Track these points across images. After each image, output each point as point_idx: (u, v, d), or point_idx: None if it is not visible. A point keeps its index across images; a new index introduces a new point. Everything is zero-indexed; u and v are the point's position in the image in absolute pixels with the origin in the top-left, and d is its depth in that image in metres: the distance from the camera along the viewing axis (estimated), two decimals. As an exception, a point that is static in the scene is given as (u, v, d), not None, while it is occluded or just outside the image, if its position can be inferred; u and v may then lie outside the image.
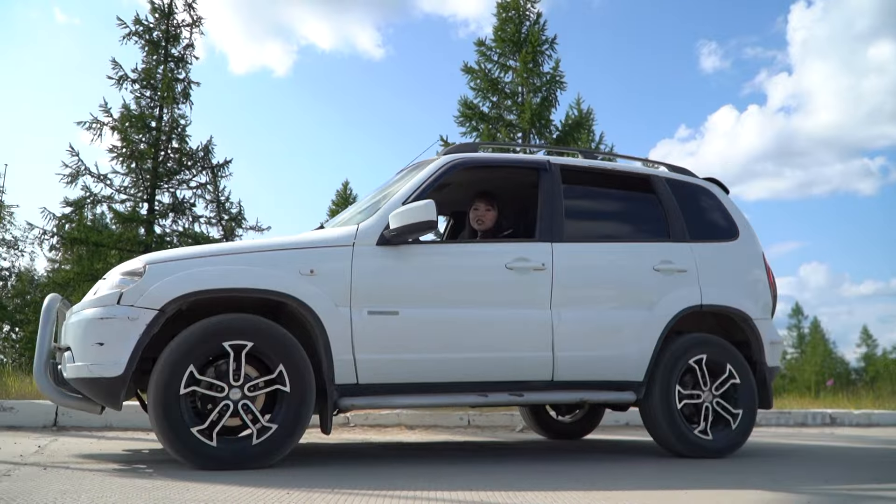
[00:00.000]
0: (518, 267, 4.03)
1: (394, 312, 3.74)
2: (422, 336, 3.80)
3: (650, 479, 3.41)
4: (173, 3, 12.91)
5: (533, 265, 4.04)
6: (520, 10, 12.97)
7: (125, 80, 12.27)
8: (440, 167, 4.11)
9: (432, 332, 3.82)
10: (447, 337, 3.85)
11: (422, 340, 3.80)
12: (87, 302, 3.51)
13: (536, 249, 4.12)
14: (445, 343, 3.84)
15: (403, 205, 3.82)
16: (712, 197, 4.83)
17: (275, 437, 3.43)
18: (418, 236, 3.82)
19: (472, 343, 3.90)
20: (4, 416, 5.41)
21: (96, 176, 11.79)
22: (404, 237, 3.77)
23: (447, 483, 3.13)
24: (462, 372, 3.89)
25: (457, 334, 3.87)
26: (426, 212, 3.66)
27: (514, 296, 4.03)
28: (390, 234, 3.76)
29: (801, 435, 7.16)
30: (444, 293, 3.90)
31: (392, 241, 3.79)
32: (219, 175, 12.80)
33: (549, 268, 4.09)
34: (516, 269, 4.03)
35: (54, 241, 11.57)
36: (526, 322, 4.01)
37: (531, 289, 4.05)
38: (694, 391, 4.34)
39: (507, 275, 4.01)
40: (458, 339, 3.87)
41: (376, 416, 6.58)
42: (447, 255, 4.10)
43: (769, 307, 4.72)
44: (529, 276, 4.04)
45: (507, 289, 4.02)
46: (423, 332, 3.80)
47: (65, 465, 3.42)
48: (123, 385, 3.32)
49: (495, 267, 4.01)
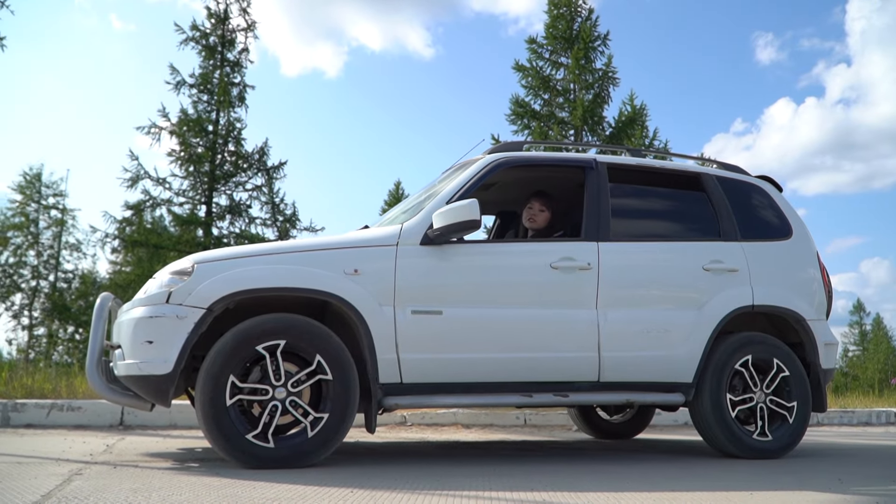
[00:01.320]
0: (563, 266, 3.99)
1: (438, 312, 3.74)
2: (465, 336, 3.79)
3: (711, 480, 3.34)
4: (228, 9, 13.18)
5: (578, 265, 4.00)
6: (571, 7, 12.88)
7: (182, 84, 12.59)
8: (484, 167, 4.10)
9: (476, 332, 3.81)
10: (491, 337, 3.83)
11: (465, 340, 3.79)
12: (137, 301, 3.59)
13: (582, 249, 4.07)
14: (489, 343, 3.83)
15: (447, 204, 3.82)
16: (765, 195, 4.71)
17: (329, 426, 3.47)
18: (462, 235, 3.82)
19: (516, 343, 3.87)
20: (73, 416, 5.58)
21: (155, 179, 12.11)
22: (448, 236, 3.78)
23: (507, 483, 3.12)
24: (506, 372, 3.87)
25: (501, 334, 3.85)
26: (469, 211, 3.65)
27: (560, 296, 3.99)
28: (434, 233, 3.76)
29: (866, 434, 6.95)
30: (489, 293, 3.89)
31: (436, 241, 3.79)
32: (274, 177, 13.03)
33: (595, 267, 4.04)
34: (561, 269, 3.99)
35: (115, 244, 11.93)
36: (571, 322, 3.97)
37: (577, 288, 4.00)
38: (746, 394, 4.25)
39: (552, 274, 3.98)
40: (502, 339, 3.85)
41: (433, 415, 6.60)
42: (491, 254, 4.07)
43: (824, 307, 4.58)
44: (575, 276, 4.00)
45: (552, 289, 3.98)
46: (467, 332, 3.79)
47: (133, 464, 3.50)
48: (172, 383, 3.39)
49: (540, 266, 3.98)
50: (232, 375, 3.37)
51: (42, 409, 5.52)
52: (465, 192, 3.97)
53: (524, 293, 3.95)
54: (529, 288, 3.97)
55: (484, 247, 4.22)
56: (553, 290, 3.99)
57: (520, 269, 4.00)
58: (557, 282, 3.99)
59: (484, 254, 4.03)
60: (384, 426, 6.36)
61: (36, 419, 5.49)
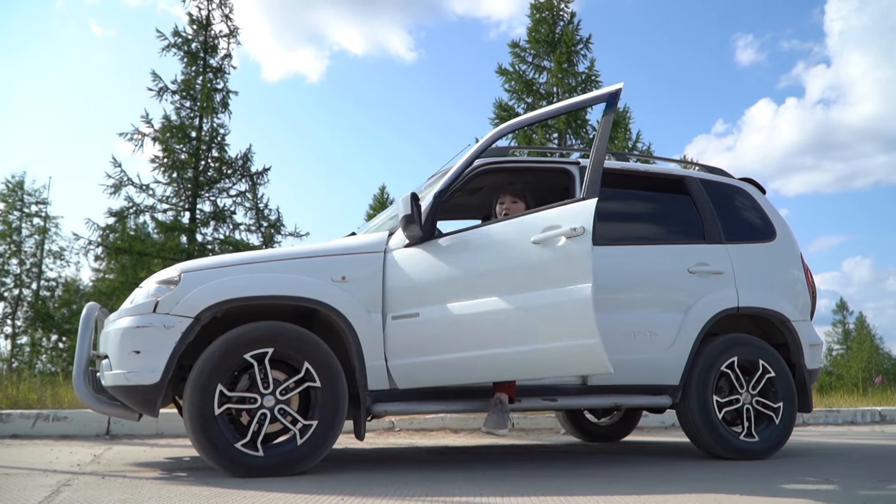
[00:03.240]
0: (545, 239, 3.88)
1: (414, 314, 3.66)
2: (442, 336, 3.61)
3: (698, 482, 3.37)
4: (211, 15, 13.14)
5: (564, 232, 3.88)
6: (553, 11, 12.95)
7: (165, 91, 12.54)
8: (466, 172, 4.10)
9: (453, 331, 3.60)
10: (470, 333, 3.59)
11: (442, 341, 3.60)
12: (123, 310, 3.58)
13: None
14: (468, 340, 3.58)
15: (429, 209, 3.78)
16: (748, 197, 4.76)
17: (318, 433, 3.46)
18: (409, 234, 3.69)
19: (488, 340, 3.59)
20: (59, 426, 5.54)
21: (139, 186, 12.06)
22: (408, 236, 3.70)
23: (498, 488, 3.12)
24: (484, 372, 3.64)
25: (473, 331, 3.59)
26: (403, 206, 3.63)
27: (541, 276, 3.87)
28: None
29: (852, 433, 7.02)
30: (460, 285, 3.63)
31: (412, 242, 3.74)
32: (258, 183, 13.00)
33: None
34: (543, 243, 3.88)
35: (99, 251, 11.86)
36: (558, 305, 3.87)
37: (563, 265, 3.89)
38: (732, 396, 4.28)
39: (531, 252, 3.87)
40: (482, 334, 3.59)
41: (421, 420, 6.60)
42: (464, 244, 3.73)
43: (808, 308, 4.63)
44: (560, 246, 3.89)
45: (530, 269, 3.84)
46: (444, 333, 3.61)
47: (122, 474, 3.49)
48: (160, 392, 3.38)
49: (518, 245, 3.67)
50: (220, 384, 3.36)
51: (27, 420, 5.48)
52: (448, 197, 3.97)
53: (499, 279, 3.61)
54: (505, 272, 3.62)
55: (458, 237, 3.76)
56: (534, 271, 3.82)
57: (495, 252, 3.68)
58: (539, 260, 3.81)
59: (456, 245, 3.73)
60: (372, 432, 6.35)
61: (21, 429, 5.45)
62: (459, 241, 3.74)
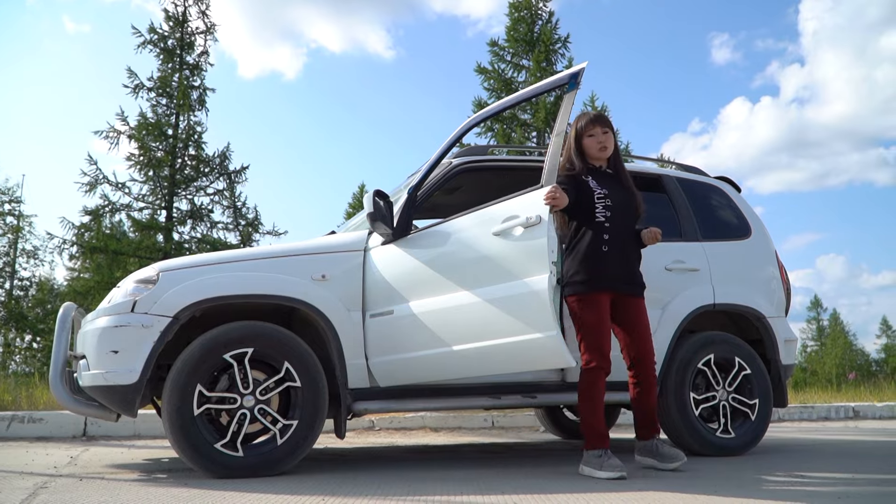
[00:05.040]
0: (503, 230, 3.84)
1: (389, 311, 3.65)
2: (415, 333, 3.58)
3: (677, 478, 3.39)
4: (187, 11, 13.02)
5: (521, 222, 3.80)
6: (532, 10, 12.97)
7: (141, 88, 12.42)
8: (443, 171, 4.12)
9: (424, 327, 3.56)
10: (444, 328, 3.55)
11: (415, 337, 3.58)
12: (101, 310, 3.55)
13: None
14: (442, 335, 3.53)
15: (403, 206, 3.78)
16: (724, 195, 4.81)
17: (298, 433, 3.46)
18: (377, 231, 3.70)
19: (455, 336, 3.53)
20: (34, 428, 5.49)
21: (114, 184, 11.94)
22: (378, 232, 3.71)
23: (479, 486, 3.13)
24: (455, 369, 3.58)
25: (441, 327, 3.55)
26: (366, 203, 3.62)
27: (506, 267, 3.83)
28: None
29: (826, 429, 7.12)
30: (433, 280, 3.59)
31: (387, 240, 3.73)
32: (235, 181, 12.91)
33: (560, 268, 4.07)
34: (503, 234, 3.85)
35: (74, 250, 11.72)
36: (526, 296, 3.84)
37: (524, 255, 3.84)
38: (708, 393, 4.33)
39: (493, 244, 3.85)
40: (454, 329, 3.53)
41: (401, 419, 6.60)
42: (433, 239, 3.71)
43: (783, 305, 4.69)
44: (518, 236, 3.83)
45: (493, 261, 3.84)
46: (416, 329, 3.58)
47: (99, 476, 3.46)
48: (138, 392, 3.36)
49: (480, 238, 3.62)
50: (199, 384, 3.35)
51: (2, 422, 5.42)
52: (426, 195, 3.98)
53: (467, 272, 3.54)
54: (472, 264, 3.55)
55: (428, 232, 3.76)
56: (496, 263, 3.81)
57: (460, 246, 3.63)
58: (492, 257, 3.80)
59: (426, 240, 3.72)
60: (352, 431, 6.35)
61: (-4, 431, 5.39)
62: (427, 236, 3.73)
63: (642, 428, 3.70)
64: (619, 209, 3.58)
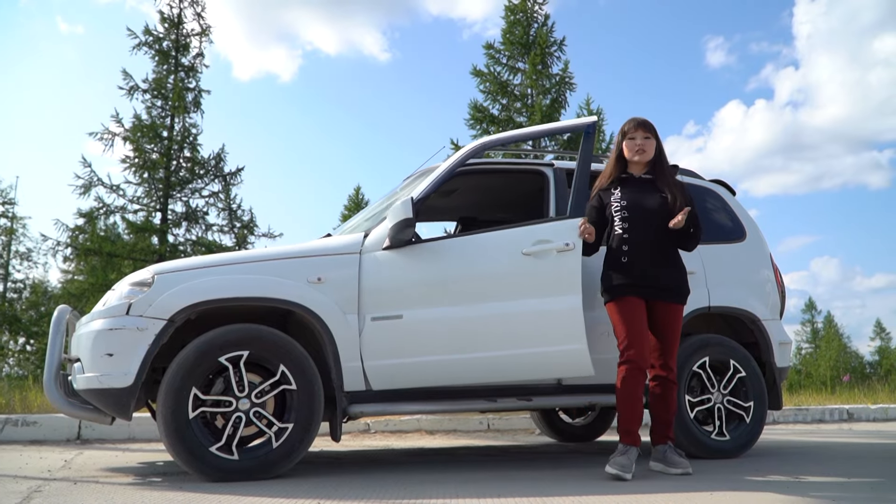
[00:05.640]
0: (537, 251, 3.93)
1: (398, 316, 3.70)
2: (426, 338, 3.69)
3: (671, 481, 3.40)
4: (182, 13, 13.01)
5: (557, 246, 3.90)
6: (528, 13, 12.98)
7: (136, 90, 12.40)
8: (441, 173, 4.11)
9: (435, 333, 3.70)
10: (451, 337, 3.71)
11: (426, 343, 3.69)
12: (96, 313, 3.54)
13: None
14: (450, 344, 3.69)
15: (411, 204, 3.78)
16: (719, 199, 4.82)
17: (293, 436, 3.45)
18: (404, 237, 3.72)
19: (478, 341, 3.73)
20: (28, 431, 5.46)
21: (109, 186, 11.90)
22: (396, 238, 3.71)
23: (475, 489, 3.13)
24: (469, 374, 3.76)
25: (461, 333, 3.72)
26: (403, 210, 3.63)
27: (527, 284, 3.92)
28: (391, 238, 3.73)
29: (820, 432, 7.13)
30: (445, 291, 3.74)
31: (395, 245, 3.75)
32: (231, 183, 12.89)
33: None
34: (535, 255, 3.95)
35: (68, 252, 11.67)
36: (544, 313, 3.89)
37: (552, 274, 3.91)
38: (703, 395, 4.33)
39: (518, 272, 3.95)
40: (462, 339, 3.72)
41: (396, 421, 6.59)
42: (447, 251, 3.85)
43: (778, 308, 4.70)
44: (553, 258, 3.92)
45: (516, 283, 3.94)
46: (426, 334, 3.69)
47: (94, 479, 3.45)
48: (133, 395, 3.35)
49: (507, 254, 3.82)
50: (194, 387, 3.34)
51: (-4, 425, 5.40)
52: (425, 198, 3.97)
53: (486, 286, 3.76)
54: (492, 279, 3.78)
55: (439, 244, 3.90)
56: (519, 280, 3.87)
57: (481, 260, 3.82)
58: (527, 269, 3.84)
59: (440, 251, 3.84)
60: (348, 434, 6.34)
61: (-11, 435, 5.36)
62: (445, 246, 3.88)
63: (654, 433, 3.78)
64: (641, 218, 3.70)
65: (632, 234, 3.68)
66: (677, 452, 3.70)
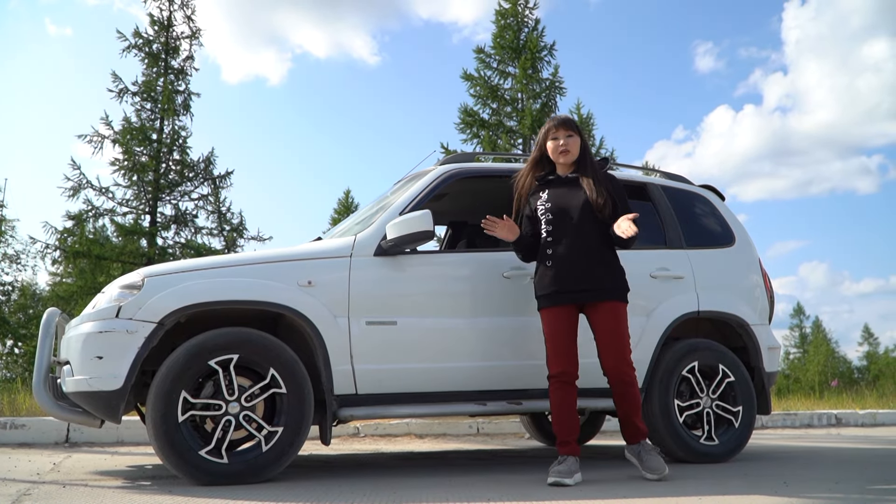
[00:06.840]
0: (515, 276, 4.04)
1: (392, 322, 3.76)
2: (420, 345, 3.81)
3: (660, 485, 3.40)
4: (172, 16, 12.98)
5: (529, 273, 4.05)
6: (518, 17, 13.03)
7: (125, 92, 12.36)
8: (435, 178, 4.14)
9: (430, 342, 3.84)
10: (444, 346, 3.87)
11: (419, 350, 3.81)
12: (85, 315, 3.53)
13: (533, 258, 4.13)
14: (442, 352, 3.86)
15: (400, 215, 3.84)
16: (708, 203, 4.85)
17: (283, 440, 3.45)
18: (416, 246, 3.84)
19: (469, 352, 3.91)
20: (16, 434, 5.44)
21: (98, 189, 11.86)
22: (402, 247, 3.79)
23: (465, 494, 3.13)
24: (461, 381, 3.91)
25: (453, 343, 3.89)
26: (423, 222, 3.67)
27: (510, 304, 4.04)
28: (387, 244, 3.77)
29: (809, 436, 7.17)
30: (442, 302, 3.92)
31: (389, 252, 3.81)
32: (220, 186, 12.86)
33: None
34: (513, 278, 4.04)
35: (56, 255, 11.60)
36: (522, 330, 4.02)
37: (528, 297, 4.05)
38: (692, 400, 4.35)
39: (503, 284, 4.03)
40: (454, 348, 3.88)
41: (386, 425, 6.59)
42: (444, 264, 4.11)
43: (766, 312, 4.73)
44: (526, 284, 4.05)
45: (503, 297, 4.03)
46: (420, 342, 3.82)
47: (83, 483, 3.44)
48: (122, 398, 3.34)
49: (492, 276, 4.03)
50: (184, 391, 3.33)
51: (-17, 428, 5.36)
52: (417, 203, 4.00)
53: (476, 302, 3.99)
54: (481, 296, 4.01)
55: (437, 257, 4.25)
56: (504, 299, 4.03)
57: (472, 278, 4.04)
58: (508, 290, 4.04)
59: (437, 264, 4.07)
60: (337, 438, 6.33)
61: (-24, 438, 5.33)
62: (440, 260, 4.18)
63: (625, 434, 3.75)
64: (565, 217, 3.67)
65: (556, 237, 3.65)
66: (657, 452, 3.66)
